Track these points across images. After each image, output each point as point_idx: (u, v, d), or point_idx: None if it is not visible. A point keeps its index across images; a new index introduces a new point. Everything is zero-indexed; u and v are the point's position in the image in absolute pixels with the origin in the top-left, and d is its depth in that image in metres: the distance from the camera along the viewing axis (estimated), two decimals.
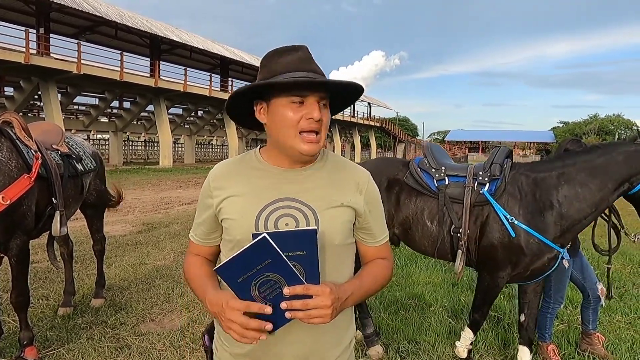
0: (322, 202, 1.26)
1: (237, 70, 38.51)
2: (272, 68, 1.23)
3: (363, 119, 57.10)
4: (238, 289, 1.08)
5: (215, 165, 1.36)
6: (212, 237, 1.36)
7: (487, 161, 2.97)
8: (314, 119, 1.18)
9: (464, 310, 4.18)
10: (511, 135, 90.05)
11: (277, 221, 1.23)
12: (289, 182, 1.27)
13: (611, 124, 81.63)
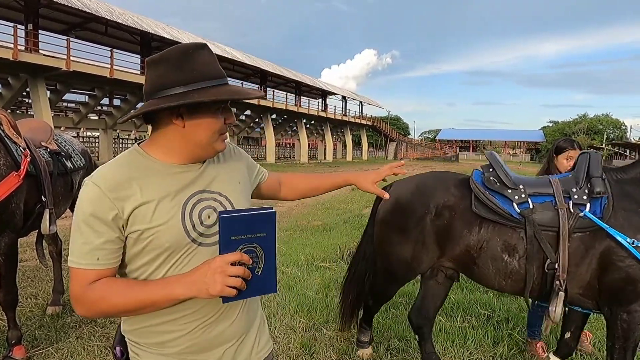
0: (228, 187, 1.33)
1: (228, 68, 38.33)
2: (190, 68, 1.20)
3: (355, 118, 57.15)
4: (226, 245, 1.09)
5: (99, 174, 1.19)
6: (118, 255, 1.19)
7: (577, 173, 2.47)
8: (232, 123, 1.28)
9: (453, 308, 4.21)
10: (502, 134, 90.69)
11: (201, 215, 1.23)
12: (194, 176, 1.28)
13: (600, 124, 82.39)
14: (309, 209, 10.82)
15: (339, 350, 3.39)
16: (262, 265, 1.13)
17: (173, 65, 1.19)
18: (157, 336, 1.25)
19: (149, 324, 1.24)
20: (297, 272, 5.28)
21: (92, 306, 1.16)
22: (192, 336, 1.24)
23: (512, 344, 3.51)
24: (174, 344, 1.24)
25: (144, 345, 1.27)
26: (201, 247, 1.23)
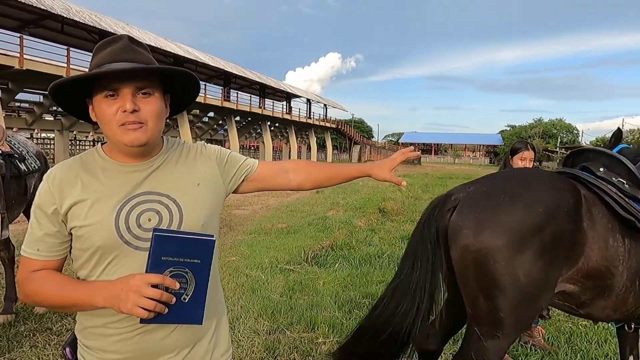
0: (179, 189, 1.26)
1: (191, 69, 37.69)
2: (93, 62, 1.20)
3: (319, 121, 57.39)
4: (154, 263, 1.04)
5: (53, 168, 1.24)
6: (62, 249, 1.23)
7: None
8: (127, 110, 1.14)
9: None
10: (462, 137, 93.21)
11: (139, 218, 1.19)
12: (142, 176, 1.23)
13: (554, 128, 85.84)
14: (273, 212, 10.79)
15: (302, 352, 3.41)
16: (190, 293, 1.06)
17: (92, 56, 1.22)
18: (98, 339, 1.23)
19: (92, 325, 1.23)
20: (261, 274, 5.26)
21: (30, 295, 1.21)
22: (129, 342, 1.20)
23: None
24: (113, 349, 1.21)
25: (89, 348, 1.25)
26: (138, 251, 1.18)
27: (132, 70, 1.14)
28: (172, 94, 1.30)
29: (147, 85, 1.18)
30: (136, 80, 1.16)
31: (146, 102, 1.18)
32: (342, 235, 7.65)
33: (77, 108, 1.27)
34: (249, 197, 14.26)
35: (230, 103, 39.57)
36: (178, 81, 1.27)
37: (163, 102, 1.24)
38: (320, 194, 14.64)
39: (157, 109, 1.20)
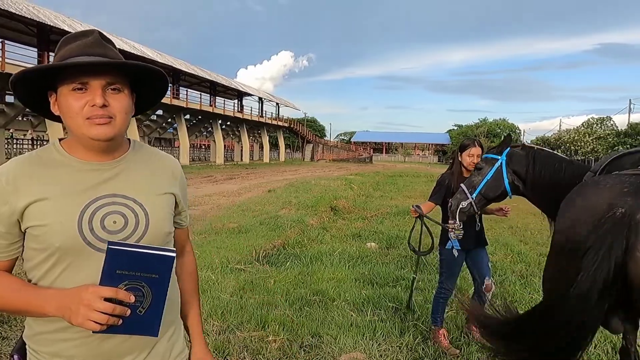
0: (146, 193, 1.23)
1: None
2: (59, 54, 1.17)
3: (271, 119, 57.11)
4: (108, 276, 1.01)
5: (7, 164, 1.18)
6: (12, 250, 1.18)
7: None
8: (96, 105, 1.11)
9: (364, 303, 4.39)
10: (412, 137, 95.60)
11: (104, 220, 1.15)
12: (106, 177, 1.19)
13: (498, 128, 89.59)
14: (224, 212, 10.65)
15: (252, 350, 3.40)
16: (146, 306, 1.04)
17: (58, 49, 1.19)
18: (52, 344, 1.18)
19: (45, 330, 1.18)
20: (211, 275, 5.19)
21: None
22: (88, 347, 1.16)
23: (417, 334, 3.74)
24: (70, 354, 1.17)
25: (40, 354, 1.20)
26: (100, 254, 1.10)
27: (107, 64, 1.13)
28: (138, 93, 1.27)
29: (117, 81, 1.15)
30: (107, 75, 1.13)
31: (116, 98, 1.15)
32: (293, 233, 7.68)
33: (34, 100, 1.23)
34: (199, 196, 14.01)
35: (180, 101, 38.65)
36: (147, 80, 1.25)
37: (131, 99, 1.21)
38: (272, 193, 14.59)
39: (126, 105, 1.17)
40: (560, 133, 62.43)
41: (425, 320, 3.96)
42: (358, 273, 5.46)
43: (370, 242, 7.39)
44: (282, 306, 4.26)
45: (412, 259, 5.99)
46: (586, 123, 61.22)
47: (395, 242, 7.35)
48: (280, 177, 26.68)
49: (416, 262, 4.10)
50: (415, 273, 4.15)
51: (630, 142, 43.59)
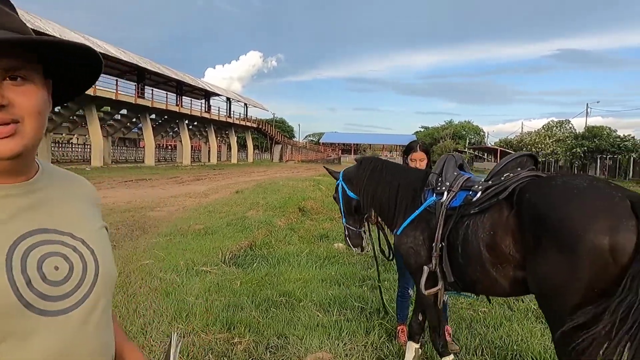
0: (83, 228, 0.91)
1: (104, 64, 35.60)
2: None
3: (240, 120, 56.67)
4: None
5: None
6: None
7: None
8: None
9: (330, 303, 4.41)
10: (380, 138, 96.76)
11: (41, 267, 0.80)
12: (23, 205, 0.83)
13: (463, 130, 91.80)
14: (190, 213, 10.49)
15: (218, 353, 3.37)
16: None
17: None
18: None
19: None
20: (176, 277, 5.11)
21: None
22: None
23: (382, 332, 3.79)
24: None
25: None
26: (45, 319, 0.78)
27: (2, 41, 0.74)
28: (56, 79, 0.91)
29: (20, 65, 0.78)
30: (3, 57, 0.76)
31: (21, 91, 0.78)
32: (261, 234, 7.64)
33: None
34: (165, 198, 13.76)
35: (145, 100, 37.87)
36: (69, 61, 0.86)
37: (45, 91, 0.85)
38: (240, 194, 14.47)
39: (37, 102, 0.81)
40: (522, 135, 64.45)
41: (391, 319, 4.02)
42: (325, 274, 5.48)
43: (337, 242, 7.43)
44: (248, 308, 4.24)
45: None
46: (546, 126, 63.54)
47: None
48: (248, 178, 26.48)
49: (377, 270, 4.13)
50: (379, 281, 4.20)
51: (587, 145, 45.38)
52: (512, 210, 2.27)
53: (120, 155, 49.96)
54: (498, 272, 2.33)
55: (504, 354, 3.40)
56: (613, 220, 1.87)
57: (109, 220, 8.95)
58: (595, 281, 1.87)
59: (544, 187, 2.22)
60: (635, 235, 1.83)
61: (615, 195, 1.96)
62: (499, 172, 2.57)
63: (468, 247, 2.44)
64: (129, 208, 11.12)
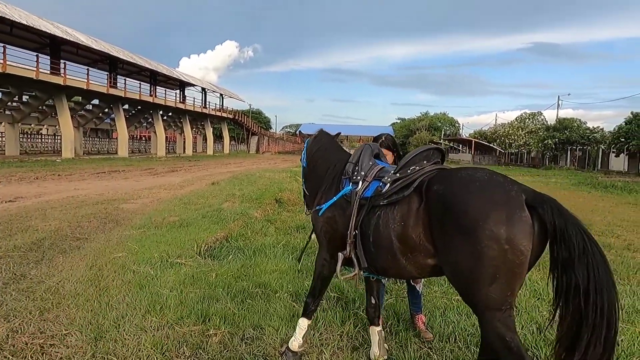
0: None
1: (71, 52, 34.62)
2: None
3: (215, 110, 55.96)
4: None
5: None
6: None
7: None
8: None
9: (306, 293, 4.41)
10: (357, 129, 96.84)
11: None
12: None
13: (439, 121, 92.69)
14: (165, 205, 10.34)
15: (192, 345, 3.34)
16: None
17: None
18: None
19: None
20: (150, 270, 5.04)
21: None
22: None
23: (357, 322, 3.82)
24: None
25: None
26: None
27: None
28: None
29: None
30: None
31: None
32: (237, 226, 7.59)
33: None
34: (138, 190, 13.52)
35: (118, 90, 37.03)
36: None
37: None
38: (215, 186, 14.33)
39: None
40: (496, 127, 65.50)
41: None
42: (301, 264, 5.48)
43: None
44: (223, 299, 4.21)
45: None
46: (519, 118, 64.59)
47: None
48: (224, 169, 26.23)
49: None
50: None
51: (558, 136, 46.46)
52: (422, 203, 2.42)
53: (93, 146, 48.79)
54: (408, 260, 2.49)
55: (477, 340, 3.47)
56: (509, 211, 2.08)
57: (80, 213, 8.78)
58: (497, 264, 2.07)
59: (450, 180, 2.36)
60: (528, 226, 2.07)
61: (512, 188, 2.17)
62: (407, 165, 2.70)
63: (379, 236, 2.59)
64: (102, 200, 10.89)
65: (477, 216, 2.11)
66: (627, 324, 3.83)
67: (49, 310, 3.90)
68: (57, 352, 3.19)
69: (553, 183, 23.30)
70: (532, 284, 4.77)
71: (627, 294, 4.62)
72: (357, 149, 3.09)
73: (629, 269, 5.65)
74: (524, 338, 3.50)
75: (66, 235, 6.80)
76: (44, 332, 3.48)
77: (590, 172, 34.93)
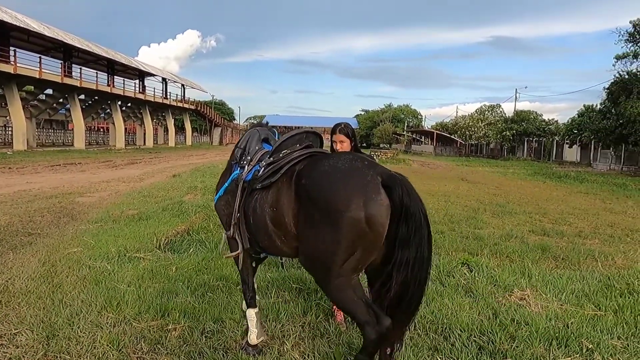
0: None
1: (22, 39, 32.97)
2: None
3: (176, 101, 54.69)
4: None
5: None
6: None
7: None
8: None
9: (268, 286, 4.40)
10: (322, 121, 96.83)
11: None
12: None
13: (402, 113, 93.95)
14: (123, 198, 10.05)
15: (150, 340, 3.27)
16: None
17: None
18: None
19: None
20: (107, 265, 4.89)
21: None
22: None
23: (319, 312, 3.83)
24: None
25: None
26: None
27: None
28: None
29: None
30: None
31: None
32: (198, 219, 7.45)
33: None
34: (96, 183, 13.10)
35: (73, 79, 35.60)
36: None
37: None
38: (177, 178, 14.06)
39: None
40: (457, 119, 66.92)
41: (328, 299, 4.06)
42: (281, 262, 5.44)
43: None
44: (183, 293, 4.13)
45: None
46: (479, 110, 66.19)
47: None
48: (186, 161, 25.74)
49: None
50: None
51: (516, 128, 47.97)
52: (292, 192, 2.54)
53: (47, 138, 46.83)
54: (283, 243, 2.65)
55: (435, 327, 3.55)
56: (366, 196, 2.25)
57: (32, 207, 8.43)
58: (357, 244, 2.27)
59: (315, 171, 2.48)
60: (384, 207, 2.25)
61: (368, 173, 2.33)
62: (279, 149, 2.83)
63: (257, 219, 2.74)
64: (56, 194, 10.47)
65: (339, 205, 2.26)
66: (577, 307, 4.00)
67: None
68: (6, 352, 3.05)
69: (511, 173, 24.06)
70: (489, 271, 4.92)
71: (577, 279, 4.83)
72: (245, 134, 3.21)
73: (579, 255, 5.90)
74: (480, 324, 3.60)
75: (17, 231, 6.51)
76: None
77: (546, 163, 36.34)
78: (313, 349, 3.21)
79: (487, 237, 6.91)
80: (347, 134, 3.66)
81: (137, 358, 3.05)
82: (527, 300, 4.16)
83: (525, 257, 5.74)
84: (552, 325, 3.60)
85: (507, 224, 8.19)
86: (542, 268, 5.25)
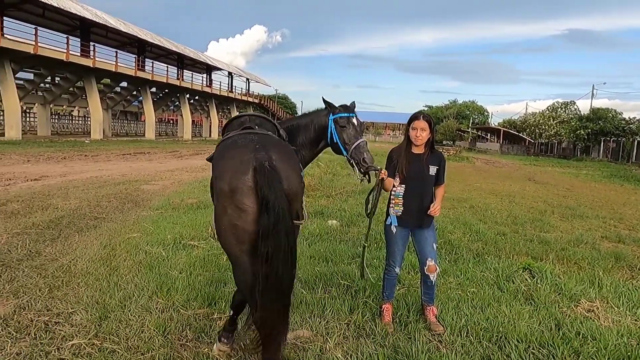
0: None
1: (101, 34, 35.08)
2: None
3: (241, 95, 56.15)
4: None
5: None
6: None
7: None
8: None
9: (316, 280, 4.31)
10: (383, 116, 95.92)
11: None
12: None
13: (467, 109, 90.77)
14: (185, 187, 10.39)
15: (196, 328, 3.29)
16: None
17: None
18: None
19: None
20: (162, 251, 5.03)
21: None
22: None
23: (366, 311, 3.69)
24: None
25: None
26: None
27: None
28: None
29: None
30: None
31: None
32: None
33: None
34: (161, 172, 13.65)
35: (145, 73, 37.44)
36: None
37: None
38: None
39: None
40: (526, 116, 63.68)
41: (376, 298, 3.92)
42: (314, 250, 5.38)
43: (332, 219, 7.32)
44: (231, 283, 4.14)
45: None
46: (551, 107, 62.54)
47: (357, 220, 7.29)
48: None
49: (368, 228, 3.90)
50: (366, 241, 3.97)
51: (592, 127, 44.89)
52: None
53: (121, 128, 49.71)
54: None
55: (489, 335, 3.31)
56: (234, 174, 2.45)
57: (101, 193, 8.89)
58: (223, 219, 2.48)
59: (221, 144, 2.80)
60: (246, 187, 2.39)
61: (244, 157, 2.49)
62: (228, 129, 3.10)
63: None
64: (124, 181, 11.01)
65: (217, 177, 2.55)
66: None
67: (59, 288, 3.92)
68: (61, 330, 3.18)
69: (584, 175, 22.54)
70: (553, 278, 4.56)
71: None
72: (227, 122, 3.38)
73: None
74: (540, 335, 3.32)
75: (84, 214, 6.88)
76: (51, 310, 3.49)
77: (624, 165, 33.67)
78: (356, 349, 3.09)
79: (553, 241, 6.45)
80: (429, 121, 3.49)
81: (180, 345, 3.07)
82: (595, 313, 3.80)
83: (596, 265, 5.29)
84: (623, 343, 3.25)
85: (577, 229, 7.62)
86: (615, 278, 4.80)
